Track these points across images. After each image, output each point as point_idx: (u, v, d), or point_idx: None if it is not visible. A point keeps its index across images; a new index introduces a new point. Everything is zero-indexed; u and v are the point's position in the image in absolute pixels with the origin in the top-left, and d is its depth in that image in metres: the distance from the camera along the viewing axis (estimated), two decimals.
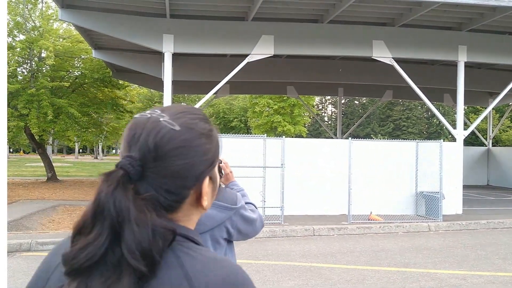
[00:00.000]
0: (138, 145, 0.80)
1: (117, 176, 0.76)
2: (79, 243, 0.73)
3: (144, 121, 0.82)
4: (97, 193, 0.75)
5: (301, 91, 22.38)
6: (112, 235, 0.72)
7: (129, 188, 0.76)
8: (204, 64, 16.57)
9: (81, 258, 0.71)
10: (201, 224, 1.82)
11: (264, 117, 47.24)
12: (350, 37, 12.34)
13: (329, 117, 78.09)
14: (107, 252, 0.71)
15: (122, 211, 0.73)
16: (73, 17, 10.96)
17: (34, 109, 16.67)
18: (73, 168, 33.97)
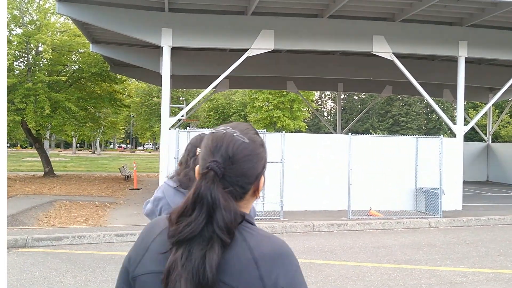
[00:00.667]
0: (220, 153, 1.12)
1: (210, 175, 1.08)
2: (184, 222, 1.06)
3: (222, 135, 1.14)
4: (196, 187, 1.07)
5: (301, 86, 22.25)
6: (207, 217, 1.05)
7: (218, 184, 1.08)
8: (203, 59, 16.43)
9: (185, 232, 1.04)
10: None
11: (264, 112, 47.10)
12: (350, 32, 12.22)
13: (328, 112, 78.00)
14: (203, 229, 1.04)
15: (215, 200, 1.05)
16: (70, 11, 10.82)
17: (31, 104, 16.53)
18: (71, 163, 33.86)
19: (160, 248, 1.11)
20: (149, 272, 1.12)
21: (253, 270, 1.06)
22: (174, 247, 1.06)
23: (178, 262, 1.04)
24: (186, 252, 1.04)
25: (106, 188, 17.04)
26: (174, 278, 1.03)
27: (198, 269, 1.02)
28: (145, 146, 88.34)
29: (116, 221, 10.07)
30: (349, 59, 17.31)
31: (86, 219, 10.43)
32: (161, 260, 1.09)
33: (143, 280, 1.13)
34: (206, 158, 1.13)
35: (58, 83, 18.43)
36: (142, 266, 1.14)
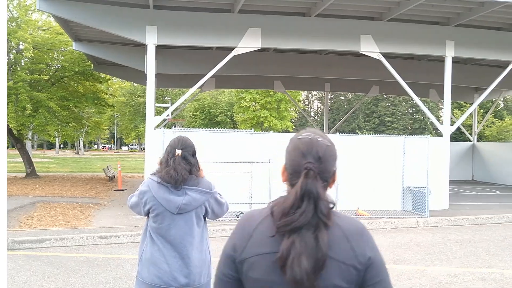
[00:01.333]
0: (311, 155, 1.36)
1: (311, 174, 1.32)
2: (297, 213, 1.28)
3: (309, 141, 1.39)
4: (302, 184, 1.31)
5: (288, 85, 22.17)
6: (314, 207, 1.29)
7: (318, 180, 1.33)
8: (189, 57, 16.24)
9: (300, 220, 1.27)
10: (189, 205, 2.75)
11: (251, 112, 46.92)
12: (338, 31, 12.16)
13: (315, 112, 78.21)
14: (312, 217, 1.28)
15: (318, 193, 1.31)
16: (51, 7, 10.52)
17: (12, 103, 16.12)
18: (54, 164, 33.26)
19: (264, 234, 1.35)
20: (256, 254, 1.34)
21: (346, 244, 1.34)
22: (286, 233, 1.29)
23: (296, 244, 1.26)
24: (299, 236, 1.28)
25: (90, 189, 16.71)
26: (292, 257, 1.25)
27: (313, 247, 1.26)
28: (129, 146, 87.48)
29: (100, 222, 9.82)
30: (336, 59, 17.28)
31: (69, 220, 10.16)
32: (267, 244, 1.33)
33: (252, 261, 1.34)
34: (299, 160, 1.38)
35: (40, 82, 18.02)
36: (248, 250, 1.36)
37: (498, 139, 39.88)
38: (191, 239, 2.81)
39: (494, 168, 21.38)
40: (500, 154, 21.43)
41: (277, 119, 45.81)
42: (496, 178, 21.17)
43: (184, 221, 2.79)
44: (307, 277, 1.24)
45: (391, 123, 61.75)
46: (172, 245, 2.78)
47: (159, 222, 2.78)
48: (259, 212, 1.43)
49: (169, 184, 2.76)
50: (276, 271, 1.30)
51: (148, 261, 2.78)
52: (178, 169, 2.76)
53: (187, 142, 2.97)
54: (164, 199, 2.76)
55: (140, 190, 2.86)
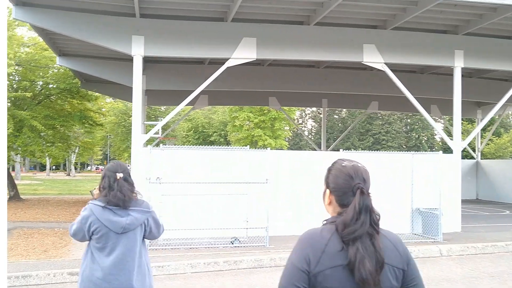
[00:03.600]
0: (358, 177, 1.73)
1: (365, 192, 1.68)
2: (356, 224, 1.60)
3: (353, 166, 1.77)
4: (360, 201, 1.65)
5: (284, 102, 21.37)
6: (370, 219, 1.63)
7: (369, 196, 1.70)
8: (180, 72, 15.41)
9: (360, 230, 1.59)
10: (132, 224, 3.01)
11: (244, 131, 46.14)
12: (339, 41, 11.38)
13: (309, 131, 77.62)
14: (368, 227, 1.61)
15: (372, 207, 1.66)
16: (29, 16, 9.68)
17: None
18: (42, 186, 32.02)
19: (335, 249, 1.61)
20: (330, 267, 1.58)
21: (394, 250, 1.69)
22: (350, 243, 1.58)
23: (360, 250, 1.57)
24: (360, 244, 1.58)
25: (75, 212, 15.60)
26: (358, 261, 1.55)
27: (373, 251, 1.58)
28: None
29: (80, 251, 8.74)
30: (334, 73, 16.51)
31: (46, 249, 9.09)
32: (338, 257, 1.59)
33: (326, 274, 1.58)
34: (349, 182, 1.72)
35: (25, 101, 17.08)
36: (322, 264, 1.59)
37: (496, 157, 39.15)
38: (134, 256, 3.02)
39: (500, 186, 20.49)
40: (506, 172, 20.56)
41: (271, 138, 45.02)
42: (502, 196, 20.24)
43: (127, 240, 3.00)
44: (371, 276, 1.54)
45: (386, 142, 61.03)
46: (115, 262, 2.96)
47: (103, 242, 2.97)
48: (320, 230, 1.69)
49: (114, 207, 2.98)
50: (347, 280, 1.57)
51: (88, 279, 2.94)
52: (123, 190, 2.97)
53: (124, 165, 3.15)
54: (109, 221, 2.96)
55: (82, 215, 3.01)
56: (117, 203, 2.96)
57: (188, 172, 9.36)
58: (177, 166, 9.50)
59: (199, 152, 9.49)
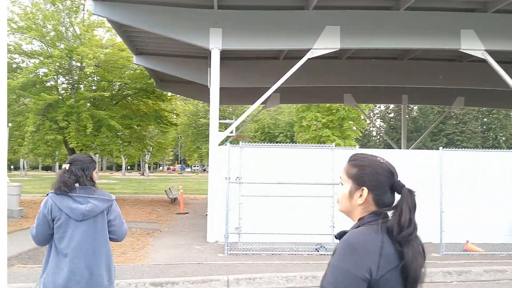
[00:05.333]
0: (396, 174, 1.67)
1: (412, 190, 1.62)
2: (412, 225, 1.55)
3: (388, 162, 1.69)
4: (412, 199, 1.60)
5: (359, 98, 20.21)
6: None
7: None
8: (254, 69, 14.91)
9: (415, 231, 1.56)
10: (91, 211, 3.06)
11: (312, 132, 45.09)
12: (432, 26, 10.19)
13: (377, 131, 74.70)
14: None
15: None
16: (107, 11, 9.57)
17: (73, 122, 15.56)
18: (119, 185, 33.19)
19: (390, 252, 1.53)
20: (388, 270, 1.51)
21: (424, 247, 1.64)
22: (405, 244, 1.53)
23: (414, 250, 1.54)
24: (413, 243, 1.54)
25: (151, 212, 15.64)
26: (413, 260, 1.52)
27: (420, 250, 1.57)
28: (192, 167, 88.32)
29: (158, 254, 8.43)
30: (417, 65, 15.17)
31: (124, 251, 8.87)
32: (393, 260, 1.53)
33: (386, 278, 1.51)
34: (390, 180, 1.65)
35: (103, 101, 17.49)
36: (382, 269, 1.51)
37: None
38: (95, 244, 3.05)
39: None
40: None
41: (340, 138, 43.56)
42: None
43: (87, 227, 3.03)
44: (422, 274, 1.54)
45: (460, 142, 56.85)
46: (77, 251, 2.99)
47: (62, 230, 3.01)
48: (367, 232, 1.57)
49: (74, 195, 3.05)
50: (399, 281, 1.52)
51: (54, 271, 2.95)
52: (61, 178, 3.06)
53: (78, 157, 3.24)
54: (68, 208, 3.01)
55: (41, 206, 3.08)
56: (56, 188, 3.06)
57: (270, 172, 8.72)
58: (257, 165, 8.90)
59: (282, 150, 8.83)
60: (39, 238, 3.05)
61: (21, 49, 16.36)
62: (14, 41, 16.35)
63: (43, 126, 15.47)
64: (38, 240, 3.06)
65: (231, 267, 7.01)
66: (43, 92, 15.26)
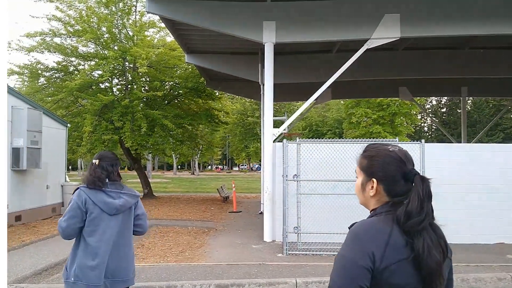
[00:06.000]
0: (410, 161, 1.61)
1: (425, 176, 1.54)
2: (422, 213, 1.48)
3: (400, 150, 1.63)
4: (424, 188, 1.51)
5: (416, 92, 19.32)
6: (431, 207, 1.52)
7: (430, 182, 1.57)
8: (305, 64, 14.54)
9: (426, 220, 1.49)
10: (124, 206, 3.24)
11: (362, 128, 44.02)
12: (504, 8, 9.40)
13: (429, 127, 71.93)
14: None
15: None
16: (161, 9, 9.55)
17: (128, 122, 15.85)
18: (171, 184, 33.80)
19: (398, 242, 1.47)
20: (396, 261, 1.44)
21: (447, 242, 1.57)
22: (415, 235, 1.46)
23: (426, 241, 1.45)
24: (427, 235, 1.47)
25: (205, 210, 15.65)
26: (426, 252, 1.44)
27: (437, 242, 1.49)
28: (240, 167, 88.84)
29: (216, 253, 8.28)
30: (479, 55, 14.22)
31: (182, 250, 8.81)
32: (402, 251, 1.46)
33: (393, 269, 1.44)
34: (402, 167, 1.58)
35: (155, 101, 17.74)
36: (387, 259, 1.45)
37: None
38: (124, 238, 3.23)
39: None
40: None
41: (392, 134, 42.22)
42: None
43: (118, 221, 3.20)
44: (439, 267, 1.45)
45: None
46: (109, 244, 3.13)
47: (95, 224, 3.12)
48: (376, 222, 1.54)
49: (107, 190, 3.20)
50: (411, 274, 1.44)
51: (84, 264, 3.04)
52: (94, 173, 3.19)
53: (106, 154, 3.39)
54: (103, 202, 3.15)
55: (74, 199, 3.16)
56: (89, 183, 3.16)
57: (329, 169, 8.33)
58: (316, 162, 8.53)
59: (342, 146, 8.41)
60: (69, 231, 3.10)
61: (77, 52, 16.85)
62: (70, 44, 16.89)
63: (99, 126, 15.87)
64: (68, 234, 3.11)
65: (294, 269, 6.72)
66: (99, 93, 15.64)
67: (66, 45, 16.73)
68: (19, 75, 16.86)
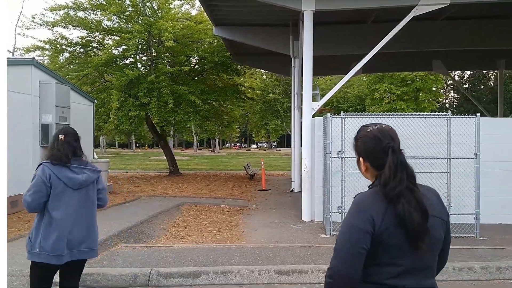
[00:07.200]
0: (386, 137, 1.82)
1: (397, 149, 1.78)
2: (395, 180, 1.71)
3: (378, 128, 1.85)
4: (394, 157, 1.74)
5: (450, 65, 18.46)
6: (406, 174, 1.74)
7: (402, 153, 1.80)
8: (339, 35, 13.81)
9: (400, 186, 1.70)
10: (86, 181, 3.34)
11: (385, 104, 43.00)
12: None
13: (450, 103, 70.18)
14: (406, 182, 1.73)
15: (407, 162, 1.77)
16: None
17: (155, 98, 15.48)
18: (193, 162, 33.67)
19: (392, 209, 1.70)
20: (392, 224, 1.69)
21: (440, 203, 1.83)
22: (394, 200, 1.69)
23: (404, 205, 1.66)
24: (403, 199, 1.68)
25: (233, 188, 15.33)
26: (407, 215, 1.66)
27: (416, 204, 1.68)
28: (258, 144, 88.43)
29: (255, 233, 7.93)
30: None
31: (219, 229, 8.49)
32: (394, 216, 1.69)
33: (390, 231, 1.68)
34: (378, 144, 1.80)
35: (181, 76, 17.30)
36: (385, 223, 1.69)
37: None
38: (88, 211, 3.37)
39: None
40: None
41: (416, 111, 41.13)
42: None
43: (81, 195, 3.32)
44: (420, 226, 1.66)
45: None
46: (73, 217, 3.26)
47: (59, 198, 3.23)
48: (374, 192, 1.77)
49: (65, 164, 3.27)
50: (402, 234, 1.68)
51: (49, 237, 3.18)
52: (61, 149, 3.27)
53: (70, 130, 3.44)
54: (66, 177, 3.25)
55: (38, 174, 3.24)
56: (55, 159, 3.24)
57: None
58: None
59: (389, 120, 7.85)
60: (35, 205, 3.18)
61: (101, 26, 16.42)
62: (94, 18, 16.46)
63: (126, 102, 15.54)
64: (33, 207, 3.19)
65: None
66: (124, 68, 15.25)
67: (90, 19, 16.31)
68: (42, 50, 16.51)
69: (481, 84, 59.89)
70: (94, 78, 16.92)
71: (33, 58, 11.06)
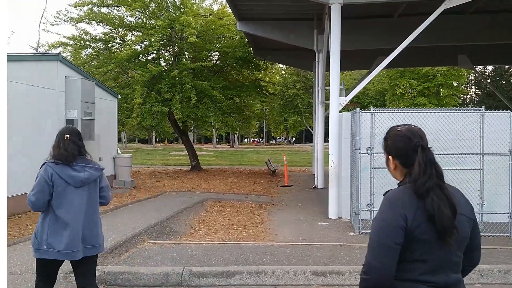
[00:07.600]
0: (416, 136, 1.88)
1: (426, 146, 1.84)
2: (425, 177, 1.76)
3: (406, 128, 1.92)
4: (425, 156, 1.80)
5: (475, 60, 17.97)
6: (435, 171, 1.80)
7: (431, 151, 1.86)
8: (366, 29, 13.54)
9: (429, 182, 1.76)
10: (88, 179, 3.37)
11: (406, 100, 42.38)
12: None
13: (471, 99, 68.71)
14: (436, 178, 1.79)
15: (435, 160, 1.82)
16: None
17: (177, 93, 15.48)
18: (213, 157, 33.73)
19: (423, 206, 1.75)
20: (424, 221, 1.73)
21: (466, 202, 1.87)
22: (424, 195, 1.74)
23: (434, 200, 1.72)
24: (434, 194, 1.73)
25: (255, 184, 15.26)
26: (437, 210, 1.70)
27: (445, 199, 1.73)
28: (277, 140, 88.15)
29: (281, 231, 7.82)
30: None
31: (244, 226, 8.42)
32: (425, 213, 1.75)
33: (423, 228, 1.72)
34: (408, 144, 1.87)
35: (203, 72, 17.27)
36: (417, 219, 1.73)
37: None
38: (91, 208, 3.41)
39: None
40: None
41: (437, 106, 40.43)
42: None
43: (83, 193, 3.35)
44: (449, 221, 1.71)
45: None
46: (77, 214, 3.30)
47: (61, 196, 3.28)
48: (404, 189, 1.82)
49: (69, 163, 3.30)
50: (432, 229, 1.72)
51: (56, 234, 3.24)
52: (68, 149, 3.31)
53: (73, 129, 3.50)
54: (68, 176, 3.29)
55: (41, 174, 3.29)
56: (61, 159, 3.28)
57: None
58: None
59: (420, 115, 7.65)
60: (39, 204, 3.23)
61: (124, 22, 16.48)
62: (117, 14, 16.52)
63: (149, 98, 15.59)
64: (38, 206, 3.25)
65: None
66: (147, 64, 15.28)
67: (113, 15, 16.38)
68: (65, 46, 16.65)
69: (503, 79, 58.53)
70: (117, 74, 17.01)
71: (59, 53, 11.15)
